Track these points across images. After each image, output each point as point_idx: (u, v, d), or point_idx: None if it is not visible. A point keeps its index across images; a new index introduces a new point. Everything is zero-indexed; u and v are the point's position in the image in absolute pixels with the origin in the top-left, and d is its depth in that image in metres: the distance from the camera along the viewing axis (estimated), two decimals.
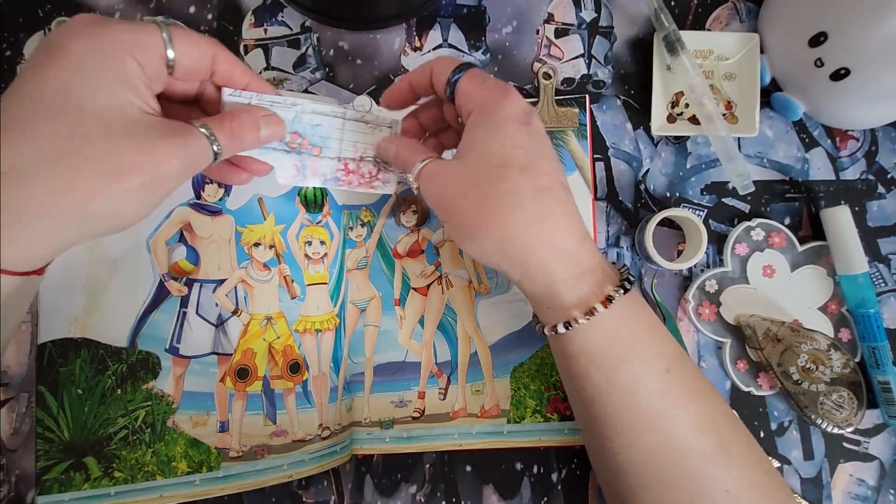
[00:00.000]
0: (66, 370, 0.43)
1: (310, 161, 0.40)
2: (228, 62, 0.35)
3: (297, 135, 0.39)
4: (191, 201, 0.44)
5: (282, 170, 0.39)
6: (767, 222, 0.50)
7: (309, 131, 0.39)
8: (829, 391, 0.46)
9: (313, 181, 0.40)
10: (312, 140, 0.39)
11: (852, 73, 0.44)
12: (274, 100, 0.37)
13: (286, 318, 0.45)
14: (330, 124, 0.40)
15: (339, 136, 0.40)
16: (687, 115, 0.50)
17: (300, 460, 0.44)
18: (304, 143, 0.39)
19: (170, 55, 0.32)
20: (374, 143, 0.41)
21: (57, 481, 0.42)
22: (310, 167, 0.40)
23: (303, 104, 0.39)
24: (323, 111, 0.39)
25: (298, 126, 0.39)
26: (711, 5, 0.52)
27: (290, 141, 0.39)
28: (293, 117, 0.38)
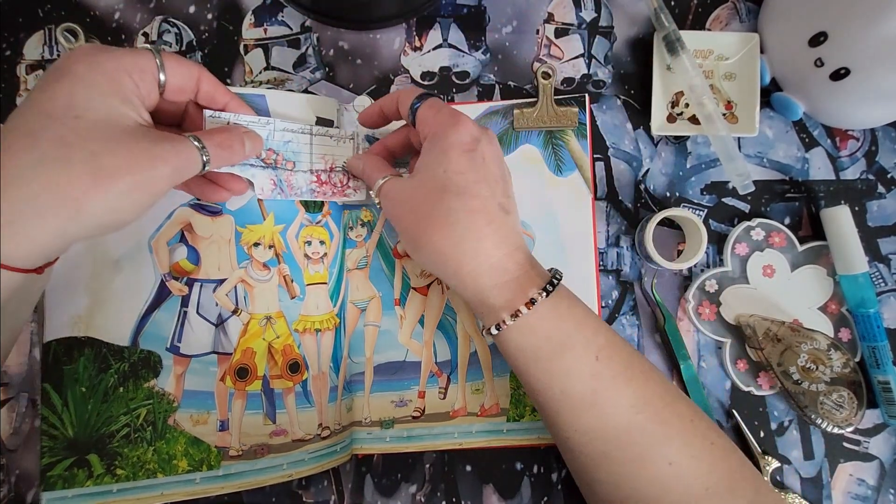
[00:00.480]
0: (70, 368, 0.43)
1: (285, 175, 0.44)
2: (211, 84, 0.39)
3: (272, 151, 0.43)
4: (191, 202, 0.45)
5: (260, 184, 0.43)
6: (767, 222, 0.50)
7: (282, 147, 0.43)
8: (829, 391, 0.46)
9: (290, 194, 0.44)
10: (286, 156, 0.44)
11: (852, 73, 0.44)
12: (250, 119, 0.41)
13: (286, 317, 0.45)
14: (299, 140, 0.44)
15: (309, 151, 0.44)
16: (687, 115, 0.50)
17: (300, 460, 0.44)
18: (278, 159, 0.43)
19: (161, 78, 0.36)
20: (339, 154, 0.46)
21: (61, 478, 0.42)
22: (286, 181, 0.44)
23: (274, 122, 0.43)
24: (293, 128, 0.43)
25: (272, 143, 0.43)
26: (711, 5, 0.52)
27: (265, 157, 0.43)
28: (267, 135, 0.42)
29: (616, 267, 0.50)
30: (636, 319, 0.50)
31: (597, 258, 0.49)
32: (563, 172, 0.50)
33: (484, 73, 0.51)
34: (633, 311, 0.50)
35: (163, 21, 0.49)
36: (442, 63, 0.51)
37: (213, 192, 0.43)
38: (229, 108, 0.41)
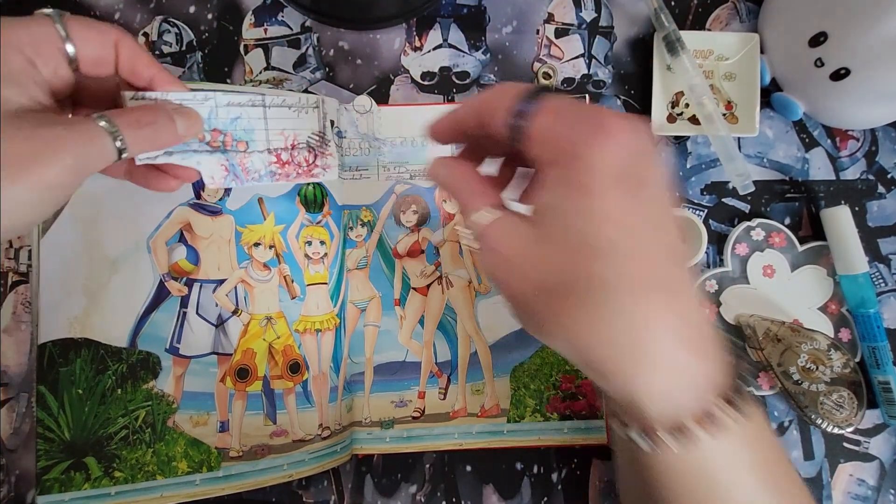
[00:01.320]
0: (67, 370, 0.43)
1: (238, 158, 0.37)
2: (131, 51, 0.31)
3: (218, 131, 0.36)
4: (191, 201, 0.44)
5: (210, 172, 0.36)
6: (767, 222, 0.50)
7: (229, 126, 0.36)
8: (830, 391, 0.46)
9: (247, 179, 0.37)
10: (235, 135, 0.36)
11: (852, 73, 0.44)
12: (183, 97, 0.34)
13: (286, 317, 0.45)
14: (250, 115, 0.36)
15: (264, 127, 0.37)
16: (687, 115, 0.50)
17: (300, 460, 0.44)
18: (227, 140, 0.36)
19: (69, 49, 0.30)
20: (302, 127, 0.38)
21: (57, 481, 0.42)
22: (239, 164, 0.37)
23: (215, 97, 0.35)
24: (239, 101, 0.36)
25: (217, 122, 0.35)
26: (711, 5, 0.52)
27: (211, 140, 0.36)
28: (209, 113, 0.35)
29: None
30: None
31: None
32: None
33: (484, 74, 0.51)
34: None
35: (163, 21, 0.49)
36: (442, 63, 0.51)
37: (159, 180, 0.35)
38: (155, 82, 0.33)
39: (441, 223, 0.49)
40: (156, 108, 0.32)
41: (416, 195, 0.49)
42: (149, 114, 0.31)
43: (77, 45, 0.30)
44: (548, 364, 0.48)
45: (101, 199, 0.44)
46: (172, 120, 0.32)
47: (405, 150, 0.49)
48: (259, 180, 0.38)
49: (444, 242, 0.49)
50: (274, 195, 0.45)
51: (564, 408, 0.48)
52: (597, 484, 0.48)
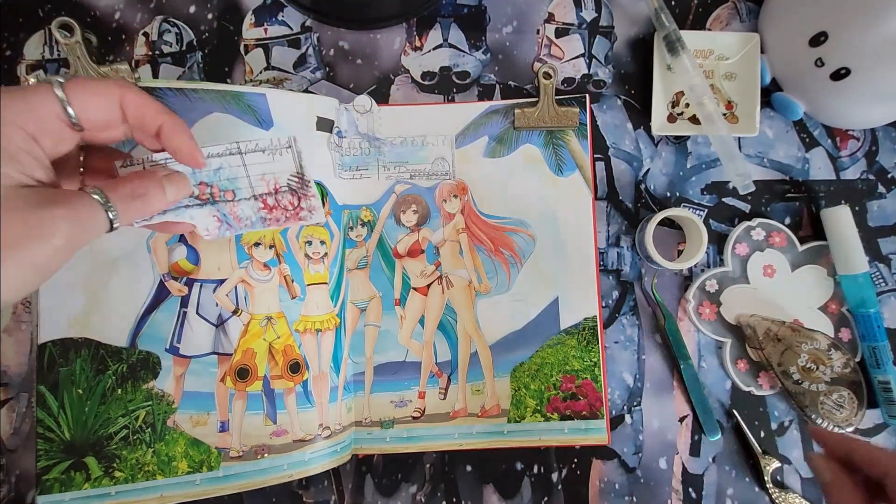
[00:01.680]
0: (67, 370, 0.43)
1: (228, 208, 0.38)
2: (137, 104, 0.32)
3: (204, 184, 0.37)
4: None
5: (204, 225, 0.38)
6: (768, 222, 0.50)
7: (213, 177, 0.37)
8: (830, 391, 0.46)
9: (240, 227, 0.39)
10: (221, 185, 0.37)
11: (852, 73, 0.44)
12: (166, 156, 0.34)
13: (286, 317, 0.45)
14: (230, 163, 0.37)
15: (245, 174, 0.37)
16: (687, 114, 0.50)
17: (300, 460, 0.44)
18: (214, 192, 0.37)
19: (70, 112, 0.30)
20: (280, 170, 0.37)
21: (57, 481, 0.42)
22: (230, 214, 0.38)
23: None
24: (218, 151, 0.36)
25: (201, 175, 0.36)
26: (712, 5, 0.52)
27: (199, 194, 0.37)
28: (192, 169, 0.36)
29: (616, 267, 0.50)
30: (636, 319, 0.50)
31: (597, 258, 0.49)
32: (563, 172, 0.49)
33: (484, 73, 0.51)
34: (633, 311, 0.50)
35: (163, 21, 0.49)
36: (442, 63, 0.51)
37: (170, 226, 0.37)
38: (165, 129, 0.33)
39: (441, 223, 0.49)
40: (147, 178, 0.33)
41: (416, 195, 0.49)
42: (141, 185, 0.32)
43: (80, 114, 0.30)
44: (548, 364, 0.48)
45: None
46: (163, 188, 0.33)
47: (405, 149, 0.49)
48: (252, 227, 0.39)
49: (444, 242, 0.49)
50: None
51: (565, 408, 0.48)
52: (597, 484, 0.48)
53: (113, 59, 0.48)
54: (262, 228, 0.39)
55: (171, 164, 0.35)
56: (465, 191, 0.49)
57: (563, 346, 0.48)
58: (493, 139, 0.49)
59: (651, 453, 0.48)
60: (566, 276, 0.49)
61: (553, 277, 0.49)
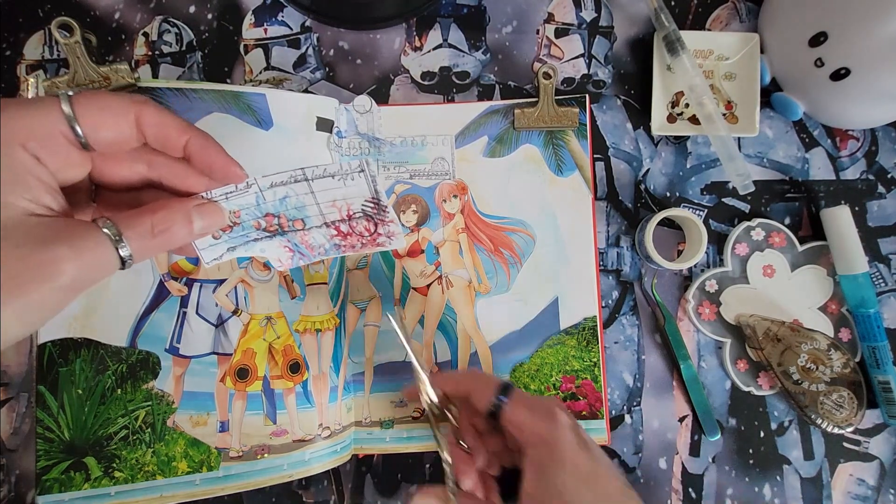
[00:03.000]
0: (67, 370, 0.43)
1: (298, 237, 0.36)
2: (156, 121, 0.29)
3: (271, 216, 0.34)
4: None
5: (276, 256, 0.36)
6: (767, 222, 0.50)
7: (280, 207, 0.34)
8: (829, 391, 0.46)
9: (314, 256, 0.37)
10: (289, 215, 0.35)
11: (852, 73, 0.44)
12: (226, 191, 0.32)
13: (286, 317, 0.45)
14: (297, 192, 0.34)
15: (314, 201, 0.35)
16: (687, 115, 0.50)
17: (300, 460, 0.44)
18: (282, 222, 0.35)
19: (79, 131, 0.27)
20: (353, 195, 0.35)
21: (57, 481, 0.42)
22: (302, 243, 0.36)
23: (257, 181, 0.33)
24: (282, 180, 0.33)
25: (266, 206, 0.34)
26: (711, 5, 0.52)
27: (267, 225, 0.35)
28: (255, 199, 0.33)
29: (616, 267, 0.50)
30: (636, 319, 0.50)
31: (597, 258, 0.49)
32: (563, 172, 0.49)
33: (484, 73, 0.51)
34: (633, 311, 0.50)
35: (163, 21, 0.49)
36: (442, 63, 0.51)
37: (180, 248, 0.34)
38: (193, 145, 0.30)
39: (441, 223, 0.49)
40: (174, 210, 0.29)
41: (416, 195, 0.49)
42: (165, 219, 0.29)
43: (89, 133, 0.27)
44: (548, 364, 0.48)
45: None
46: (190, 220, 0.30)
47: (405, 149, 0.49)
48: (326, 254, 0.37)
49: (444, 242, 0.49)
50: None
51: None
52: None
53: (113, 59, 0.48)
54: (336, 255, 0.38)
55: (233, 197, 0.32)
56: (465, 191, 0.49)
57: (563, 347, 0.48)
58: (493, 139, 0.49)
59: (651, 453, 0.48)
60: (566, 276, 0.49)
61: (553, 277, 0.49)
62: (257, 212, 0.34)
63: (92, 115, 0.27)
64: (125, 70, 0.44)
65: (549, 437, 0.35)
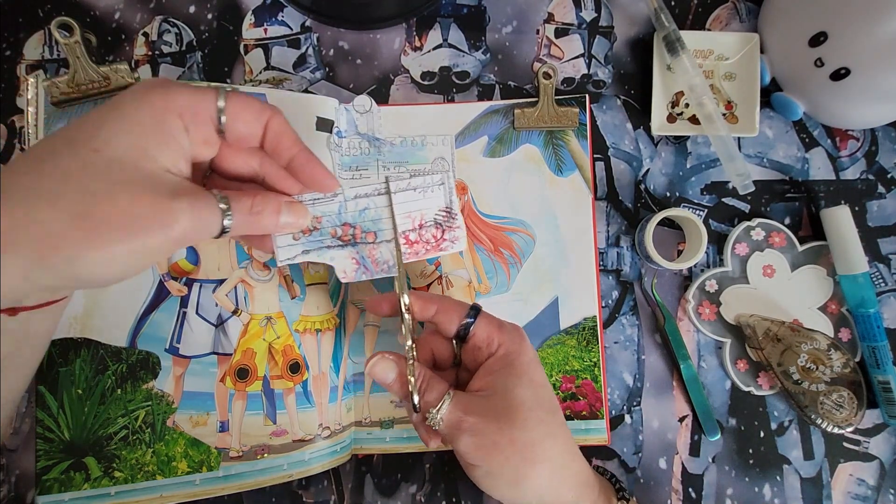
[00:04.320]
0: (66, 370, 0.43)
1: (367, 250, 0.39)
2: (278, 129, 0.34)
3: (348, 225, 0.38)
4: None
5: (342, 267, 0.38)
6: (767, 222, 0.50)
7: (358, 218, 0.38)
8: (829, 391, 0.46)
9: (377, 271, 0.39)
10: (364, 227, 0.38)
11: (852, 73, 0.44)
12: (314, 197, 0.37)
13: (286, 317, 0.45)
14: (377, 204, 0.38)
15: (390, 214, 0.38)
16: (687, 115, 0.50)
17: (300, 460, 0.44)
18: (356, 233, 0.38)
19: (222, 119, 0.32)
20: (429, 206, 0.39)
21: (57, 481, 0.42)
22: (369, 256, 0.39)
23: (343, 191, 0.37)
24: (366, 192, 0.37)
25: (346, 216, 0.38)
26: (711, 5, 0.52)
27: (342, 235, 0.38)
28: (339, 208, 0.37)
29: (616, 267, 0.50)
30: (636, 319, 0.50)
31: (597, 258, 0.49)
32: (563, 172, 0.49)
33: (484, 73, 0.51)
34: (633, 311, 0.50)
35: (163, 21, 0.49)
36: (442, 63, 0.51)
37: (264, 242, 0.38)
38: (296, 161, 0.35)
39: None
40: (268, 198, 0.34)
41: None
42: (261, 203, 0.34)
43: (230, 122, 0.32)
44: (547, 364, 0.48)
45: None
46: (278, 213, 0.35)
47: (405, 149, 0.49)
48: (389, 272, 0.39)
49: None
50: None
51: (564, 408, 0.48)
52: None
53: (113, 59, 0.48)
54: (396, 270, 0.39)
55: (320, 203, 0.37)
56: (465, 191, 0.49)
57: (563, 346, 0.48)
58: (493, 139, 0.49)
59: (651, 453, 0.48)
60: (566, 276, 0.49)
61: (553, 277, 0.49)
62: (337, 220, 0.38)
63: (237, 109, 0.32)
64: (125, 70, 0.44)
65: (513, 349, 0.37)
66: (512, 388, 0.36)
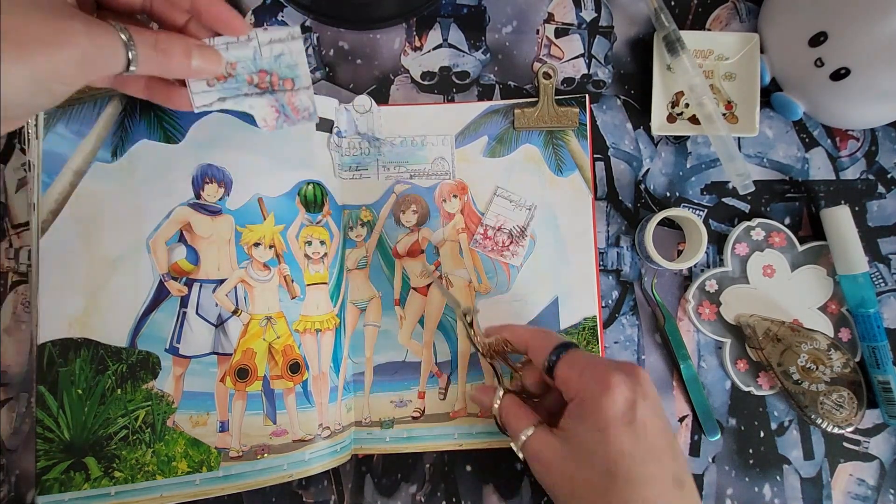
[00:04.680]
0: (66, 370, 0.43)
1: (286, 98, 0.38)
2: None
3: (265, 72, 0.37)
4: (190, 201, 0.44)
5: (262, 115, 0.38)
6: (767, 222, 0.50)
7: (274, 65, 0.37)
8: (829, 391, 0.46)
9: (297, 119, 0.39)
10: (281, 73, 0.37)
11: (852, 73, 0.44)
12: (227, 41, 0.36)
13: (286, 317, 0.45)
14: (291, 50, 0.37)
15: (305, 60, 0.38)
16: (687, 115, 0.50)
17: (300, 460, 0.44)
18: (273, 80, 0.37)
19: None
20: (511, 218, 0.47)
21: (57, 481, 0.42)
22: (289, 104, 0.38)
23: (258, 36, 0.36)
24: (280, 37, 0.36)
25: (262, 62, 0.37)
26: (711, 5, 0.52)
27: (259, 82, 0.37)
28: (253, 54, 0.36)
29: (616, 267, 0.50)
30: (636, 319, 0.50)
31: (597, 258, 0.49)
32: (563, 172, 0.49)
33: (484, 73, 0.51)
34: (633, 311, 0.50)
35: None
36: (442, 63, 0.51)
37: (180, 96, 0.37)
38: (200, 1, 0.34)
39: (441, 223, 0.49)
40: (175, 39, 0.32)
41: (415, 195, 0.49)
42: (165, 41, 0.32)
43: None
44: None
45: (100, 199, 0.44)
46: (188, 55, 0.33)
47: (405, 149, 0.49)
48: (309, 119, 0.39)
49: (444, 242, 0.49)
50: (274, 195, 0.45)
51: None
52: None
53: None
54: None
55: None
56: (465, 191, 0.49)
57: None
58: (493, 139, 0.50)
59: None
60: (566, 276, 0.49)
61: (553, 277, 0.49)
62: (252, 66, 0.37)
63: None
64: None
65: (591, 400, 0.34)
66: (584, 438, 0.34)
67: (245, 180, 0.45)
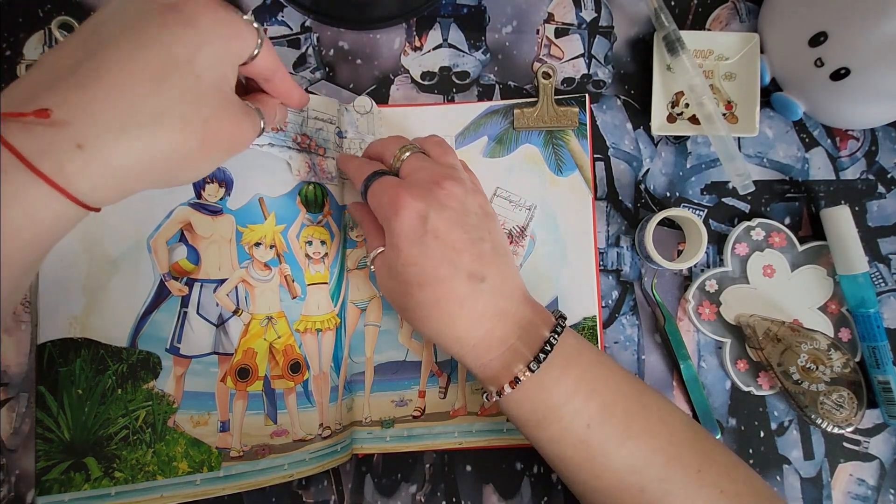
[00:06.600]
0: (66, 370, 0.43)
1: (317, 160, 0.45)
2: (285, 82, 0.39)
3: (306, 136, 0.45)
4: (191, 201, 0.44)
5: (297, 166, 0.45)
6: (767, 222, 0.50)
7: (314, 134, 0.45)
8: (829, 391, 0.46)
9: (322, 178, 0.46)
10: (318, 142, 0.45)
11: (852, 73, 0.44)
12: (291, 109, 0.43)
13: (287, 317, 0.45)
14: (328, 130, 0.47)
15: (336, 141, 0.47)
16: (687, 115, 0.50)
17: (301, 460, 0.44)
18: (311, 144, 0.46)
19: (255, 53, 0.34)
20: (511, 218, 0.48)
21: (57, 482, 0.42)
22: (318, 165, 0.45)
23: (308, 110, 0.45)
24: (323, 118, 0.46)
25: (306, 129, 0.44)
26: (711, 5, 0.52)
27: (300, 142, 0.45)
28: (301, 121, 0.45)
29: (616, 267, 0.50)
30: (636, 319, 0.50)
31: (597, 258, 0.49)
32: (563, 172, 0.50)
33: (484, 73, 0.51)
34: (633, 311, 0.50)
35: None
36: (442, 63, 0.51)
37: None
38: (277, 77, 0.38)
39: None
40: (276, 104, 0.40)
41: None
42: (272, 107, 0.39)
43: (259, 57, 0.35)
44: None
45: None
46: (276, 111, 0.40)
47: None
48: (330, 181, 0.47)
49: None
50: (275, 195, 0.45)
51: None
52: None
53: None
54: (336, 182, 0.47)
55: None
56: None
57: None
58: (493, 139, 0.50)
59: None
60: (566, 276, 0.49)
61: (553, 277, 0.49)
62: (298, 129, 0.45)
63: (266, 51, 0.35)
64: None
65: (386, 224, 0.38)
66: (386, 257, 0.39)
67: (246, 180, 0.45)
